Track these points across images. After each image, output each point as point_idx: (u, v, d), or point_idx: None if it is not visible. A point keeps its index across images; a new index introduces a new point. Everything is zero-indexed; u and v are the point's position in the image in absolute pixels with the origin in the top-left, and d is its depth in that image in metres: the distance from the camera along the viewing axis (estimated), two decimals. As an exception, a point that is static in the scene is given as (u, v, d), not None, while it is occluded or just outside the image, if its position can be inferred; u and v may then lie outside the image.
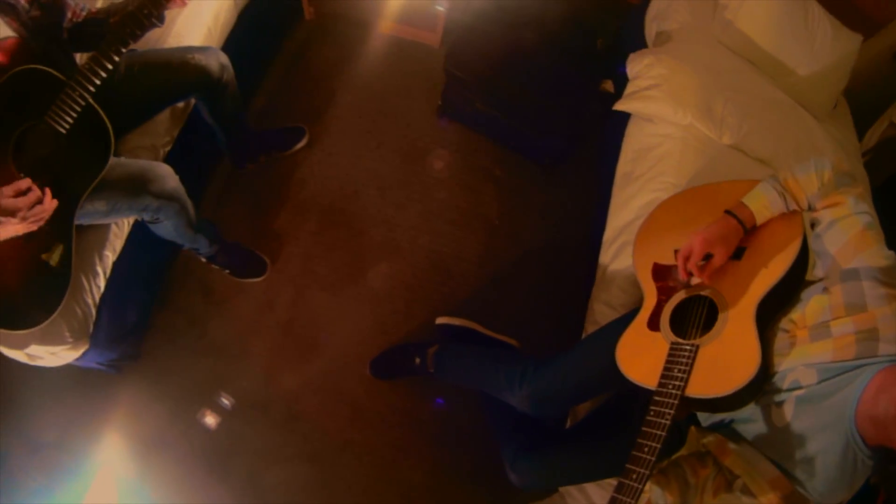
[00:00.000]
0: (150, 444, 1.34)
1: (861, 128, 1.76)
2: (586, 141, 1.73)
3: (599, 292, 1.29)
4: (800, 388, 0.74)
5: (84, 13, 1.11)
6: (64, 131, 1.00)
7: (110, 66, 1.01)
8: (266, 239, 1.53)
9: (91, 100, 1.01)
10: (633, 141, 1.41)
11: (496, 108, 1.58)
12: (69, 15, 1.09)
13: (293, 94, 1.75)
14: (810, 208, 0.89)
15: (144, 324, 1.44)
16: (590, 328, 1.30)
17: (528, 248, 1.63)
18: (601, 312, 1.26)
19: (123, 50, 1.01)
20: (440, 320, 1.43)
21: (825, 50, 1.53)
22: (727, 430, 0.84)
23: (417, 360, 1.34)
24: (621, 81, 1.60)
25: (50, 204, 0.94)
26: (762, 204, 0.89)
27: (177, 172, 1.22)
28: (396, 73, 1.81)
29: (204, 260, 1.42)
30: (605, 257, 1.32)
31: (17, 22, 1.00)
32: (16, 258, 0.99)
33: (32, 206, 0.91)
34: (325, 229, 1.56)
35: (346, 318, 1.48)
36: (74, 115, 1.00)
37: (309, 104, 1.73)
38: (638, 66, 1.43)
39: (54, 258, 1.03)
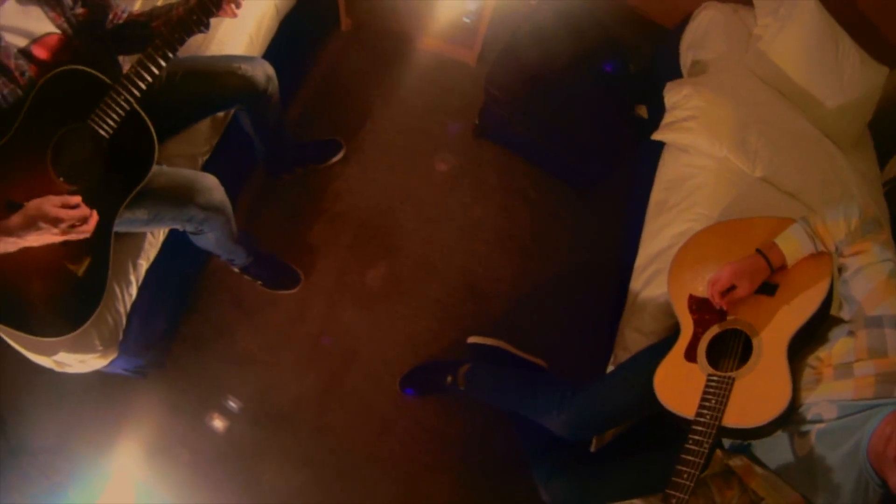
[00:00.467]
0: (171, 450, 1.43)
1: (883, 158, 1.84)
2: (618, 164, 1.82)
3: (630, 318, 1.36)
4: (821, 421, 0.85)
5: (125, 15, 1.16)
6: (106, 135, 1.02)
7: (156, 71, 1.03)
8: (300, 251, 1.63)
9: (136, 105, 1.03)
10: (668, 170, 1.51)
11: (533, 130, 1.67)
12: (111, 16, 1.13)
13: (329, 105, 1.85)
14: (838, 251, 0.99)
15: (172, 331, 1.52)
16: (619, 352, 1.38)
17: (558, 270, 1.73)
18: (632, 338, 1.33)
19: (171, 55, 1.03)
20: (472, 339, 1.52)
21: (853, 82, 1.62)
22: (749, 454, 0.94)
23: (449, 379, 1.43)
24: (655, 107, 1.72)
25: (93, 223, 0.96)
26: (794, 247, 1.00)
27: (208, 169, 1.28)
28: (432, 89, 1.92)
29: (237, 270, 1.51)
30: (636, 284, 1.40)
31: (61, 17, 1.02)
32: (40, 263, 1.00)
33: (76, 223, 0.93)
34: (359, 244, 1.66)
35: (377, 333, 1.58)
36: (118, 119, 1.01)
37: (345, 116, 1.83)
38: (676, 97, 1.53)
39: (81, 269, 1.05)
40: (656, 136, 1.52)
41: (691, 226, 1.34)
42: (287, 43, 1.73)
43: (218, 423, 1.47)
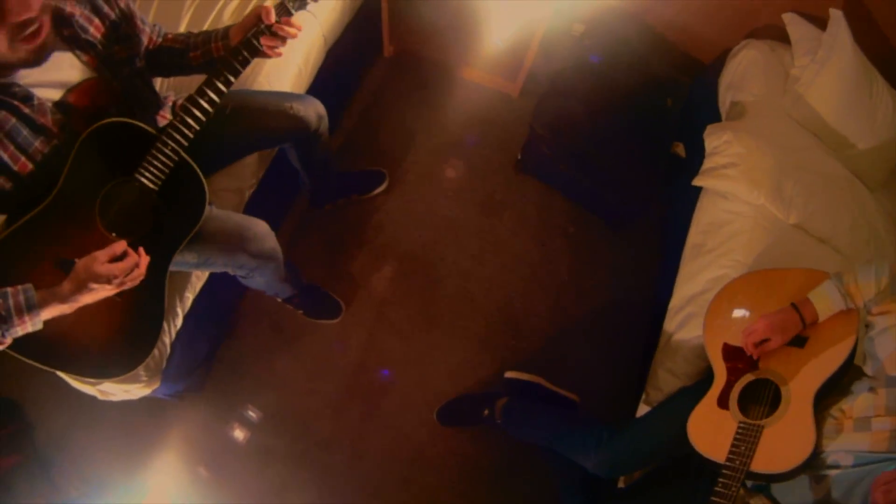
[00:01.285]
0: (206, 472, 1.61)
1: None
2: (655, 201, 2.00)
3: (664, 359, 1.51)
4: (839, 467, 1.02)
5: (160, 39, 1.23)
6: (155, 188, 1.06)
7: (204, 118, 1.08)
8: (341, 281, 1.83)
9: (184, 154, 1.08)
10: (706, 214, 1.66)
11: (575, 169, 1.86)
12: (145, 41, 1.18)
13: (372, 134, 2.05)
14: (866, 308, 1.16)
15: (212, 356, 1.71)
16: (651, 392, 1.54)
17: (594, 305, 1.92)
18: (664, 379, 1.49)
19: (217, 99, 1.08)
20: (509, 374, 1.71)
21: (886, 123, 1.77)
22: (768, 494, 1.12)
23: (486, 412, 1.62)
24: (692, 145, 1.89)
25: (144, 263, 1.01)
26: (826, 304, 1.15)
27: (256, 213, 1.38)
28: (475, 121, 2.12)
29: (280, 300, 1.67)
30: (670, 325, 1.55)
31: (96, 60, 1.05)
32: (96, 309, 1.02)
33: (129, 272, 0.97)
34: (401, 276, 1.86)
35: (416, 363, 1.77)
36: (167, 171, 1.06)
37: (388, 146, 2.04)
38: (717, 141, 1.68)
39: (136, 313, 1.11)
40: (697, 182, 1.68)
41: (727, 272, 1.49)
42: (333, 70, 1.88)
43: (253, 446, 1.66)
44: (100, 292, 0.96)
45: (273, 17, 1.06)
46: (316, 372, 1.74)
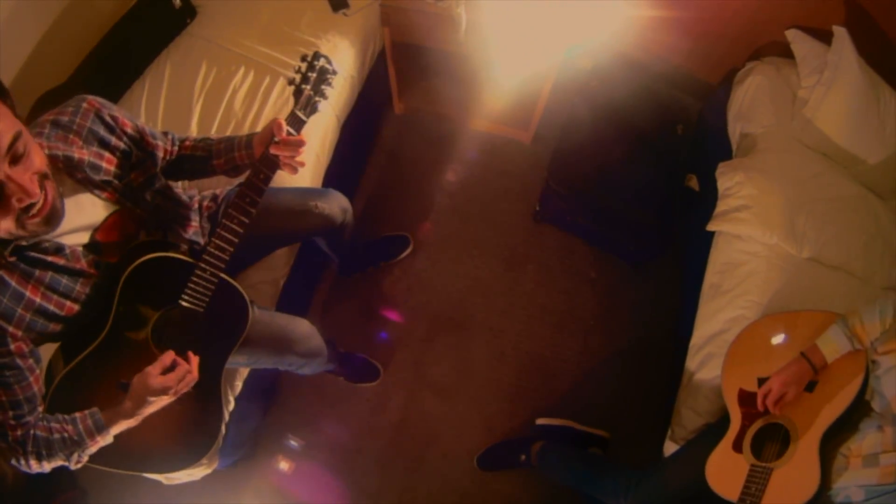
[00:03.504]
0: None
1: None
2: (673, 239, 2.19)
3: (686, 397, 1.71)
4: (850, 503, 1.21)
5: (176, 148, 1.35)
6: (201, 310, 1.20)
7: (237, 241, 1.21)
8: (376, 346, 2.10)
9: (222, 275, 1.21)
10: (721, 254, 1.85)
11: (591, 219, 2.10)
12: (161, 154, 1.29)
13: (391, 197, 2.32)
14: (873, 347, 1.32)
15: (262, 425, 1.98)
16: (676, 429, 1.73)
17: (619, 345, 2.17)
18: (688, 417, 1.68)
19: (247, 221, 1.21)
20: (540, 421, 2.00)
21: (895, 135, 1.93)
22: None
23: (523, 457, 1.91)
24: (705, 177, 2.08)
25: (195, 365, 1.16)
26: (832, 348, 1.34)
27: (290, 293, 1.62)
28: (490, 173, 2.38)
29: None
30: (691, 363, 1.75)
31: (114, 194, 1.15)
32: (162, 414, 1.18)
33: (181, 380, 1.12)
34: (434, 336, 2.14)
35: (455, 417, 2.05)
36: (209, 293, 1.20)
37: (408, 208, 2.30)
38: (728, 182, 1.88)
39: (197, 413, 1.29)
40: (711, 227, 1.88)
41: (743, 312, 1.70)
42: (347, 139, 2.13)
43: None
44: (159, 403, 1.12)
45: (284, 132, 1.20)
46: (360, 432, 2.02)
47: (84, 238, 1.12)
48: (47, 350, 1.20)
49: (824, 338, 1.37)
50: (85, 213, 1.12)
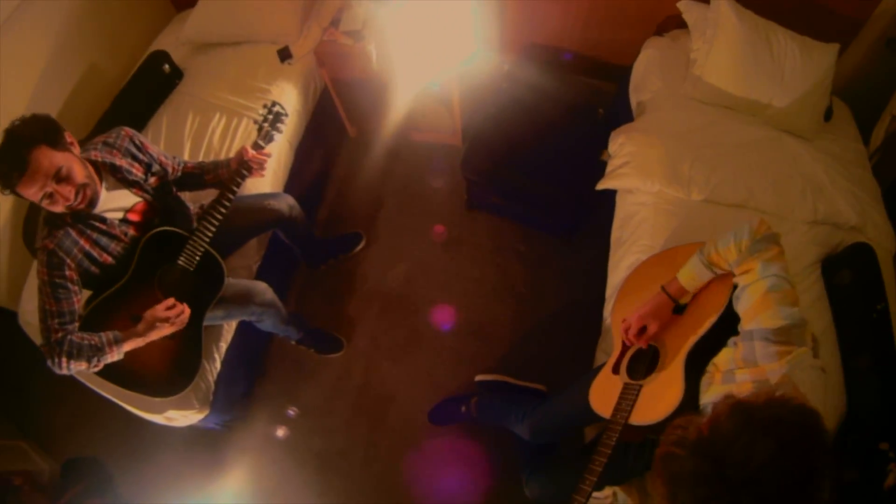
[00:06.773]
0: (254, 483, 1.94)
1: (868, 129, 1.91)
2: (598, 208, 2.09)
3: (601, 341, 1.63)
4: None
5: (181, 168, 1.64)
6: (191, 269, 1.52)
7: (217, 222, 1.53)
8: (341, 323, 2.10)
9: (208, 246, 1.53)
10: (620, 210, 1.77)
11: (510, 198, 2.03)
12: (170, 171, 1.59)
13: (349, 204, 2.35)
14: (732, 270, 1.21)
15: (250, 392, 2.01)
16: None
17: (552, 309, 2.08)
18: (600, 359, 1.59)
19: (228, 205, 1.56)
20: (478, 378, 1.90)
21: (797, 75, 1.77)
22: None
23: (464, 409, 1.81)
24: None
25: (187, 312, 1.45)
26: (690, 277, 1.21)
27: (267, 280, 1.75)
28: (428, 174, 2.42)
29: (294, 342, 1.97)
30: (605, 311, 1.65)
31: (141, 191, 1.48)
32: (157, 349, 1.52)
33: (178, 315, 1.44)
34: (386, 312, 2.12)
35: (407, 379, 1.99)
36: (198, 258, 1.52)
37: (362, 211, 2.33)
38: (614, 146, 1.81)
39: (183, 350, 1.56)
40: (600, 186, 1.78)
41: (638, 256, 1.61)
42: (307, 160, 2.23)
43: (290, 460, 1.97)
44: (161, 330, 1.41)
45: (250, 154, 1.59)
46: (331, 396, 2.01)
47: (119, 215, 1.48)
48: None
49: (683, 269, 1.25)
50: (121, 201, 1.47)
